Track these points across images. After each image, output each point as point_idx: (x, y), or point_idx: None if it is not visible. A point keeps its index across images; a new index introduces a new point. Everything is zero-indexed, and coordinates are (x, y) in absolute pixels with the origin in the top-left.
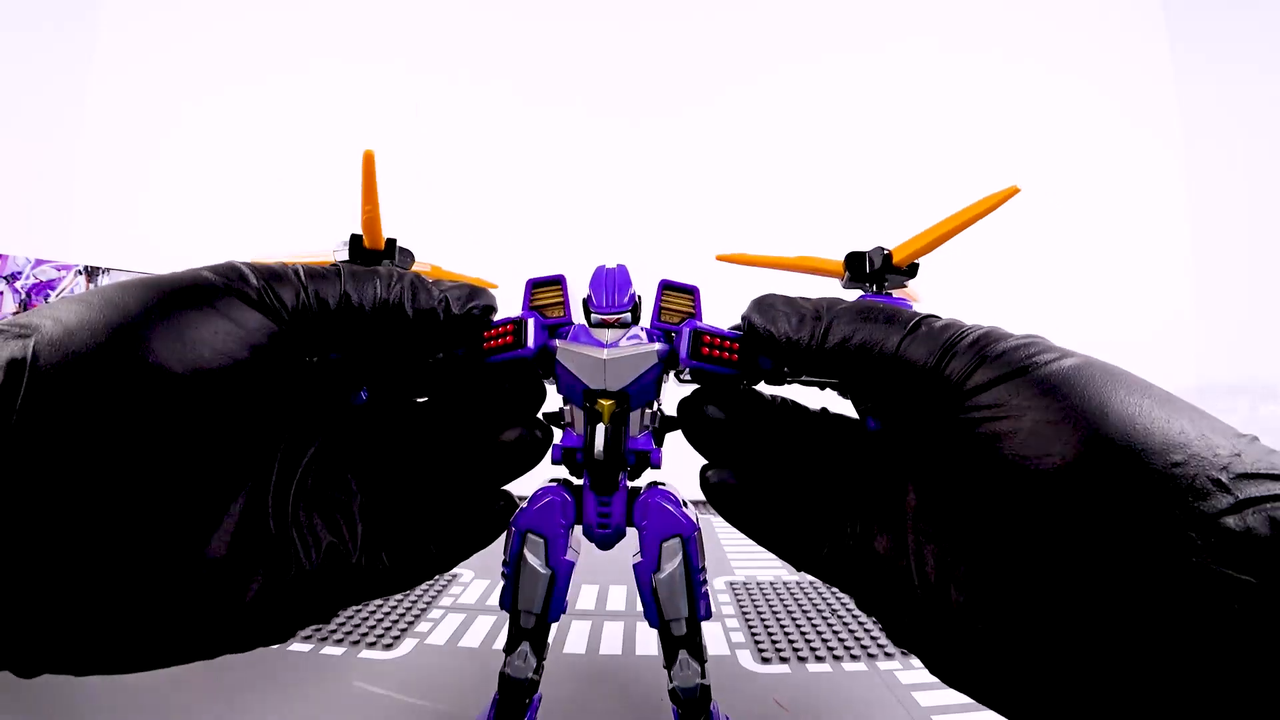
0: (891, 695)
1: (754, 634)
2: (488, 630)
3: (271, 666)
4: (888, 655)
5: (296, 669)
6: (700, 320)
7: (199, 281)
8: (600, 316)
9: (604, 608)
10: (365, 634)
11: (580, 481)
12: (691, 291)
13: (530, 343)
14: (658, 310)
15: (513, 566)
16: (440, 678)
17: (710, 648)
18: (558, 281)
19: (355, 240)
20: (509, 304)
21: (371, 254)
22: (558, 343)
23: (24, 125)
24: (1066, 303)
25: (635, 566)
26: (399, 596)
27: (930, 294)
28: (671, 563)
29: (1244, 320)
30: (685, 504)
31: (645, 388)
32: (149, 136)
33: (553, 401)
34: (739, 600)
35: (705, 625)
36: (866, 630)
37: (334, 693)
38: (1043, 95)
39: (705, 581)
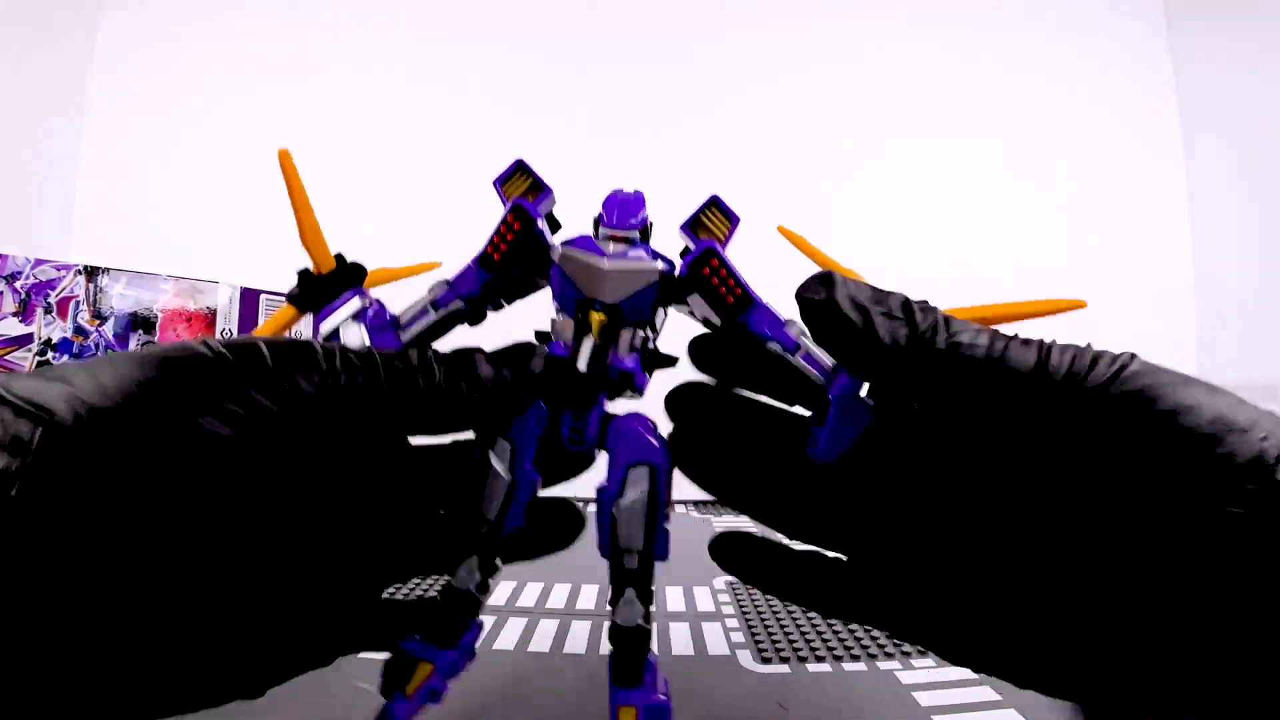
0: (891, 695)
1: (754, 634)
2: (487, 630)
3: None
4: (888, 655)
5: None
6: (725, 250)
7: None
8: (609, 232)
9: (604, 608)
10: None
11: None
12: (733, 220)
13: (537, 211)
14: (693, 218)
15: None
16: None
17: (710, 647)
18: (517, 166)
19: (304, 275)
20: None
21: (323, 281)
22: (559, 246)
23: (24, 125)
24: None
25: (598, 491)
26: (399, 597)
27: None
28: (635, 489)
29: (1244, 320)
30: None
31: (640, 305)
32: (149, 136)
33: (542, 321)
34: (739, 600)
35: (705, 625)
36: (866, 630)
37: (334, 693)
38: (1042, 95)
39: (668, 518)
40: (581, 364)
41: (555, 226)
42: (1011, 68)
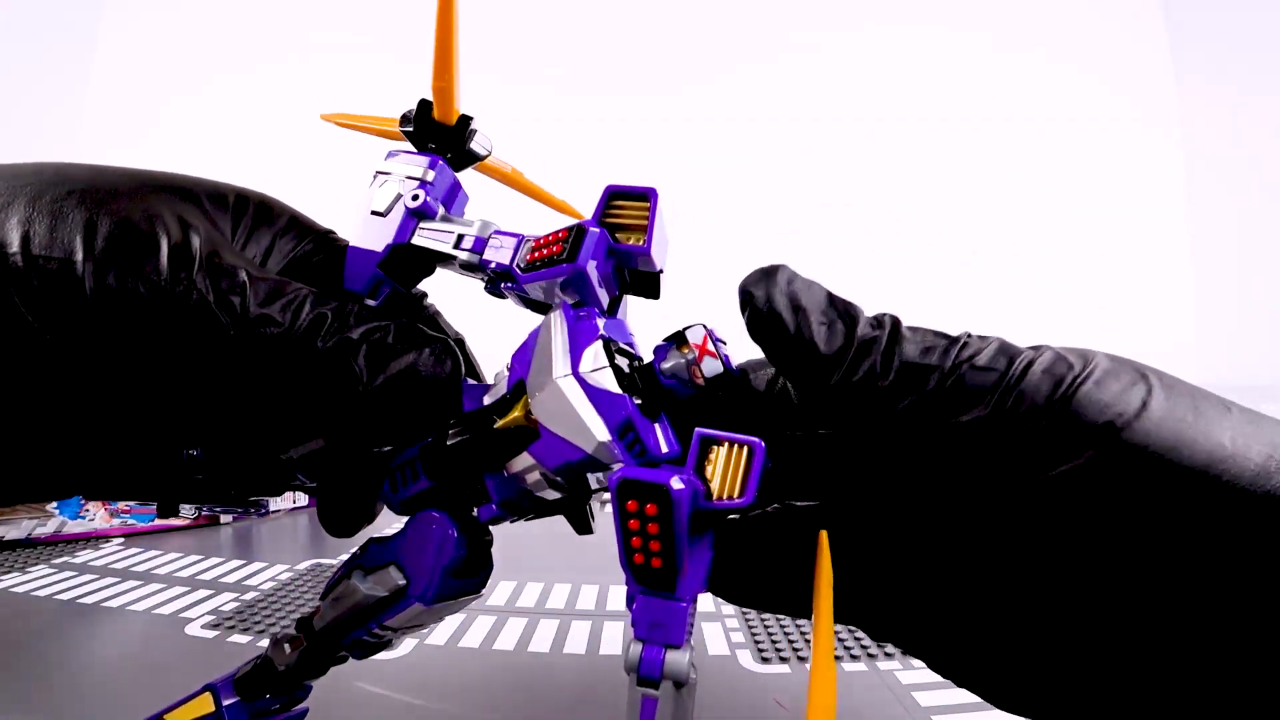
0: (891, 695)
1: (754, 634)
2: (487, 630)
3: None
4: (888, 655)
5: None
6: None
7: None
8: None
9: (604, 608)
10: None
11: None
12: (648, 197)
13: (581, 259)
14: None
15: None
16: (440, 678)
17: (710, 647)
18: (645, 196)
19: (423, 107)
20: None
21: (438, 129)
22: (557, 315)
23: (24, 125)
24: (1067, 303)
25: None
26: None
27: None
28: (370, 584)
29: (1244, 321)
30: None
31: (552, 455)
32: (149, 136)
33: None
34: None
35: (705, 625)
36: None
37: (334, 693)
38: (1042, 94)
39: (377, 638)
40: (454, 433)
41: (644, 290)
42: (1010, 67)
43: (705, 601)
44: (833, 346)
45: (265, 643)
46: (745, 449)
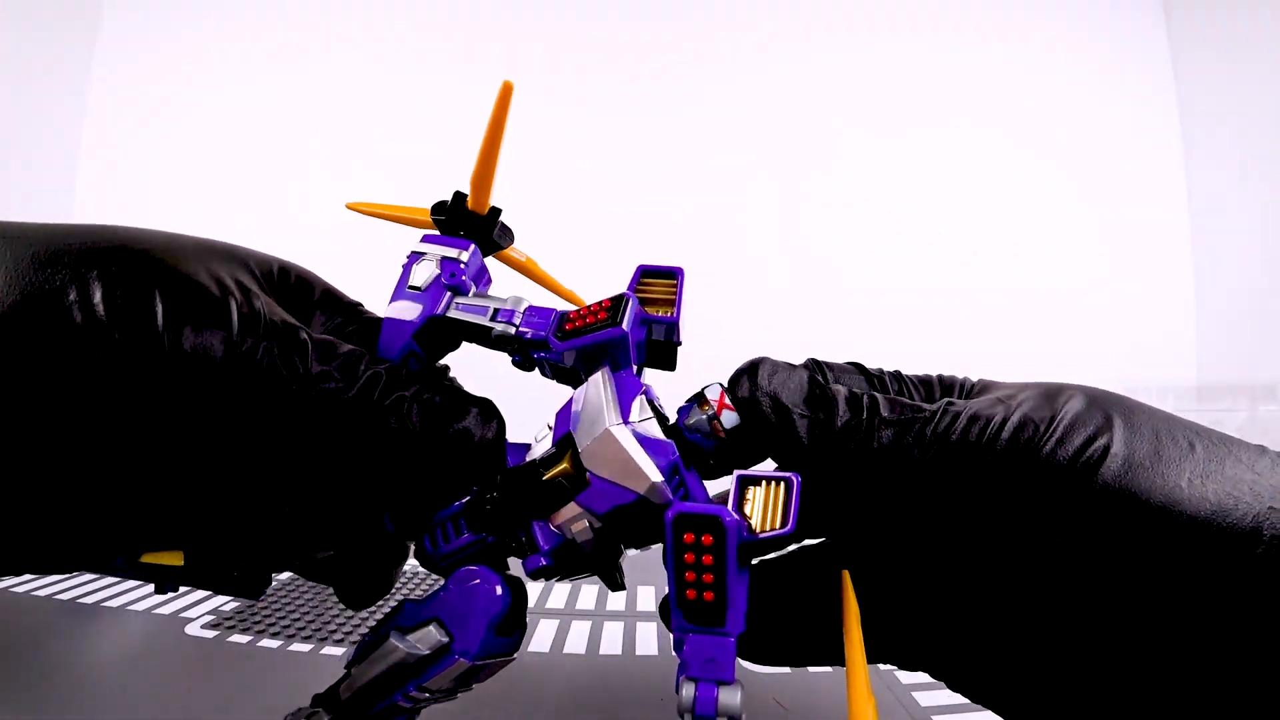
0: (891, 695)
1: None
2: None
3: (272, 666)
4: None
5: (297, 669)
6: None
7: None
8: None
9: (604, 608)
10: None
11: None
12: (675, 275)
13: (626, 324)
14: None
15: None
16: None
17: None
18: (673, 275)
19: (458, 199)
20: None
21: (470, 217)
22: (603, 372)
23: (24, 125)
24: (1066, 303)
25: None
26: (399, 596)
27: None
28: (412, 640)
29: (1244, 320)
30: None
31: (600, 497)
32: (150, 136)
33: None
34: None
35: None
36: None
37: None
38: (1041, 91)
39: (412, 702)
40: (501, 488)
41: (662, 362)
42: (1009, 64)
43: None
44: (813, 439)
45: (265, 643)
46: (783, 483)
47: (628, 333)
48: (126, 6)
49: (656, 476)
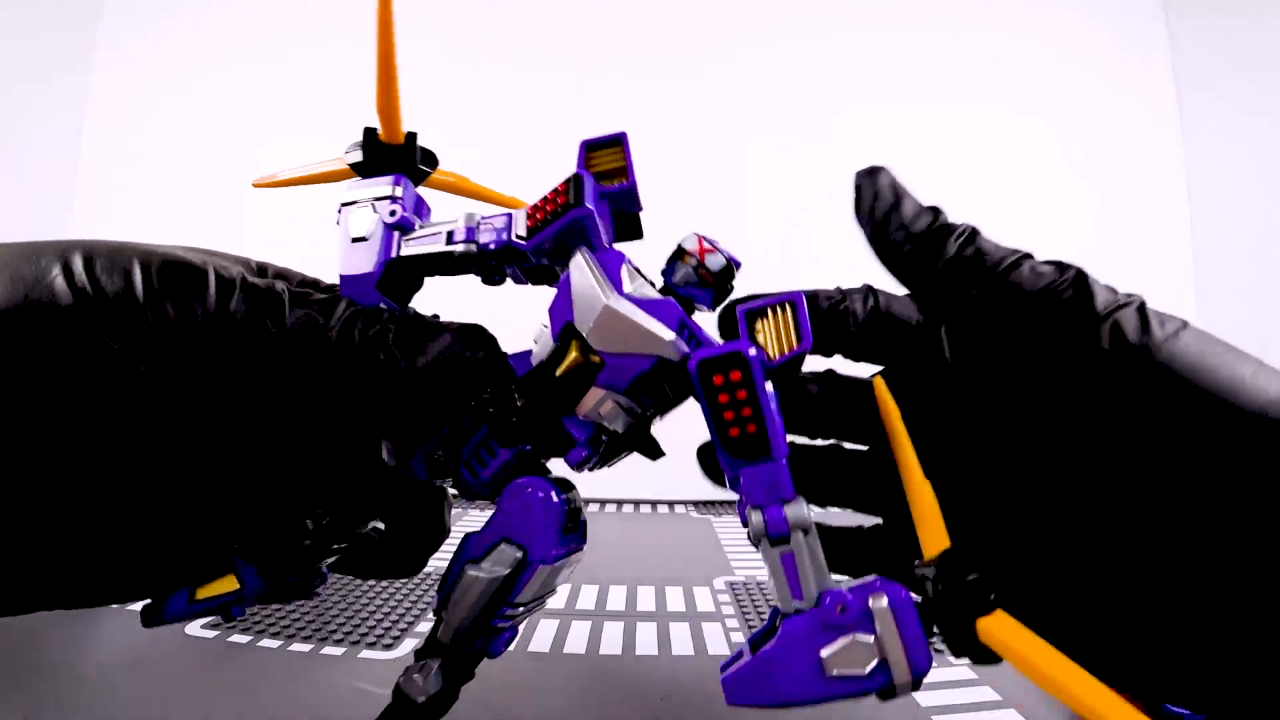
0: None
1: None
2: None
3: (271, 666)
4: None
5: (296, 669)
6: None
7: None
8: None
9: (604, 608)
10: (365, 634)
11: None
12: (620, 141)
13: (588, 200)
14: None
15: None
16: None
17: (710, 647)
18: (617, 141)
19: (369, 134)
20: None
21: (388, 150)
22: (581, 250)
23: (25, 125)
24: None
25: (466, 537)
26: (399, 596)
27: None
28: (492, 566)
29: (1244, 320)
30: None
31: (621, 373)
32: (150, 136)
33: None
34: (739, 600)
35: (705, 625)
36: None
37: (334, 693)
38: (1040, 87)
39: (509, 620)
40: (518, 398)
41: (628, 233)
42: (1008, 61)
43: (705, 601)
44: (922, 226)
45: (265, 643)
46: (788, 305)
47: (592, 209)
48: (126, 6)
49: (668, 334)
